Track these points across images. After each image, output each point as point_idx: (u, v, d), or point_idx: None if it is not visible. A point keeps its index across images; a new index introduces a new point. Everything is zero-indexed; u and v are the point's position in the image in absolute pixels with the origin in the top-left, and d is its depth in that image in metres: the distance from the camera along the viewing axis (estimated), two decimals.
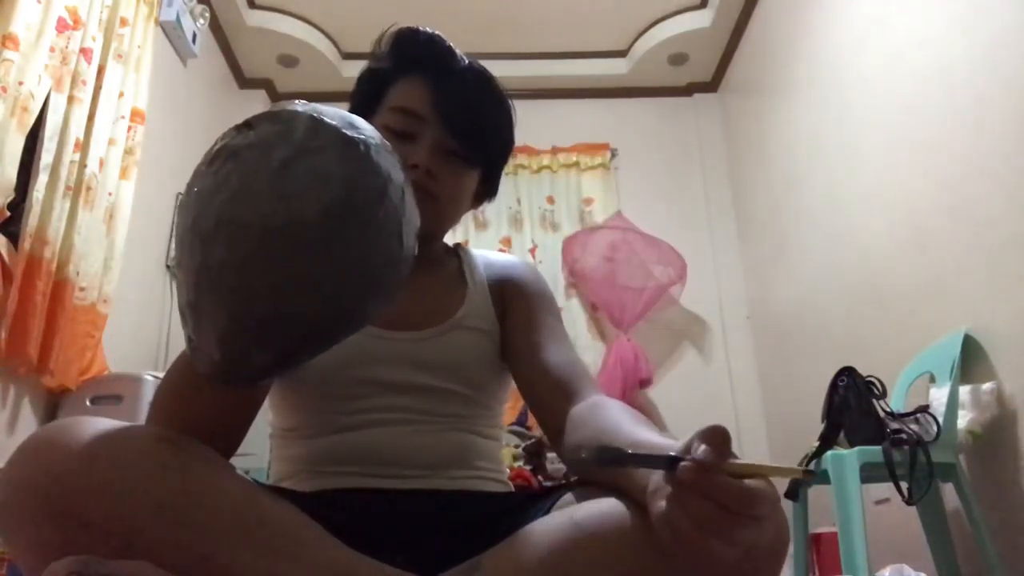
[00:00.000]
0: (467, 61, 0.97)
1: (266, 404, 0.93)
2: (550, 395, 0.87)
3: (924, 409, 1.90)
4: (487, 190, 1.04)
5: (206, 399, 0.72)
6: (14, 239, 2.13)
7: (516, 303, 0.98)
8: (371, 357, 0.90)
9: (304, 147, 0.63)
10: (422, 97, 0.94)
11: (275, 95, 4.07)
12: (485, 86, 0.97)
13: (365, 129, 0.67)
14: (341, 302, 0.64)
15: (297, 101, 0.69)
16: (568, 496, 0.80)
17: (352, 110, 0.99)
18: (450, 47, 0.97)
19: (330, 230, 0.62)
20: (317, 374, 0.88)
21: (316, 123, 0.64)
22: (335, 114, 0.67)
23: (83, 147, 2.36)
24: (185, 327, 0.68)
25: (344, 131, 0.65)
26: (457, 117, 0.93)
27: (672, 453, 0.55)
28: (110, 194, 2.50)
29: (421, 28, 0.98)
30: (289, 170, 0.62)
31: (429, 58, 0.96)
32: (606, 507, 0.69)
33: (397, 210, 0.66)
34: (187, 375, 0.73)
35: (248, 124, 0.66)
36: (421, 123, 0.93)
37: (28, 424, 2.21)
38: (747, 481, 0.52)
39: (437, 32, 0.98)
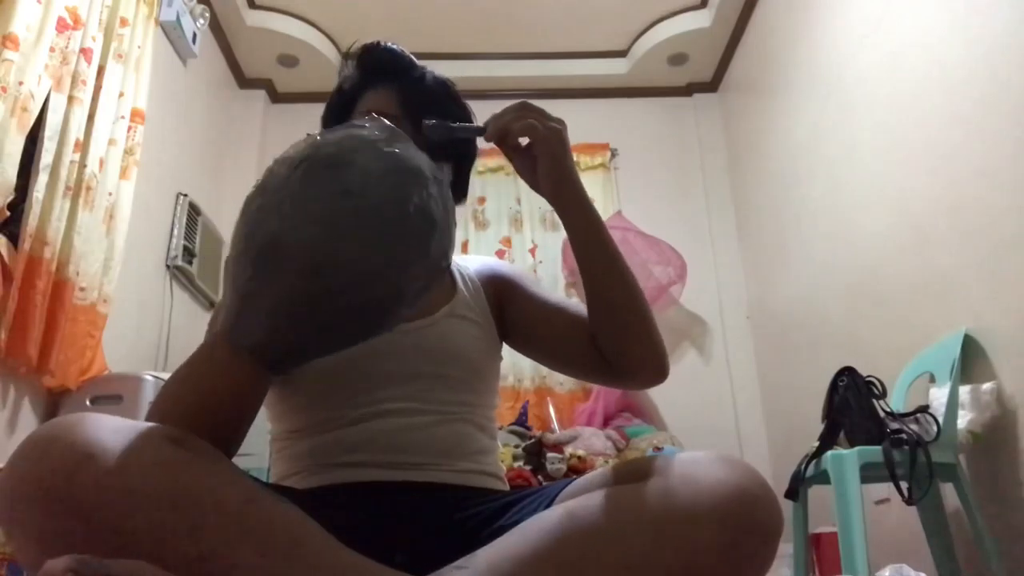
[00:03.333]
0: (427, 71, 1.05)
1: (265, 411, 0.94)
2: (572, 326, 0.98)
3: (924, 409, 1.90)
4: (459, 191, 1.09)
5: (220, 387, 0.74)
6: (14, 239, 2.13)
7: (511, 293, 1.06)
8: (372, 350, 0.91)
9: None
10: (391, 100, 1.01)
11: (275, 95, 4.08)
12: (447, 90, 1.05)
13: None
14: (394, 289, 0.73)
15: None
16: (567, 491, 0.81)
17: (325, 124, 1.07)
18: (411, 59, 1.04)
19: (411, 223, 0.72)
20: (320, 372, 0.89)
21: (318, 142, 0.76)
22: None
23: (83, 147, 2.36)
24: (236, 300, 0.73)
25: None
26: (425, 116, 0.98)
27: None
28: (110, 194, 2.50)
29: (383, 42, 1.05)
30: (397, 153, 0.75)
31: (393, 68, 1.03)
32: (601, 501, 0.71)
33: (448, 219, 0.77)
34: (199, 371, 0.75)
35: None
36: (393, 123, 0.97)
37: (28, 424, 2.21)
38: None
39: (398, 45, 1.05)
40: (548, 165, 0.89)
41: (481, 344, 1.00)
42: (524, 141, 0.90)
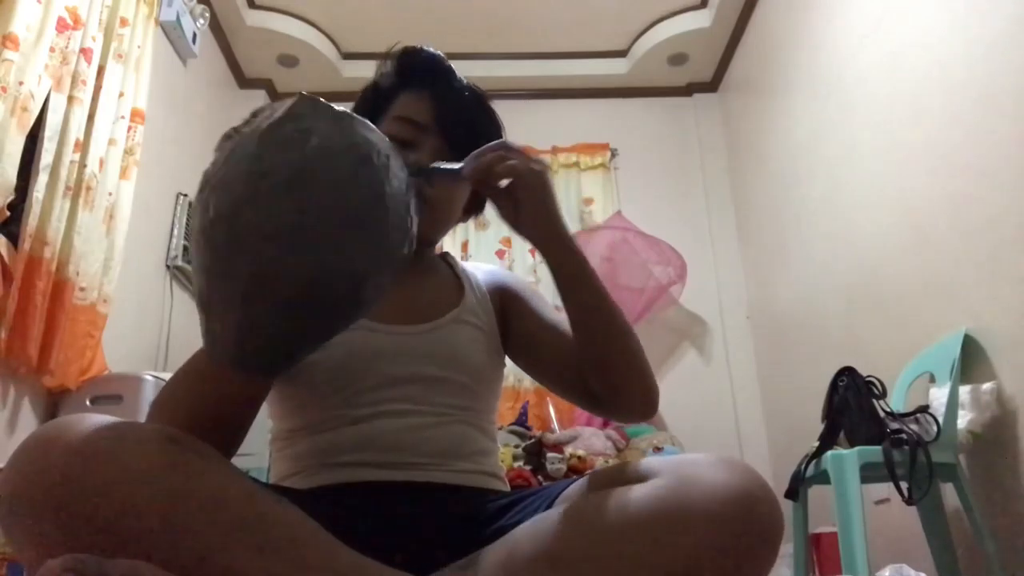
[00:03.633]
0: (465, 81, 1.04)
1: (266, 409, 0.94)
2: (568, 352, 0.95)
3: (924, 409, 1.90)
4: (476, 205, 1.09)
5: (216, 394, 0.74)
6: (14, 239, 2.13)
7: (514, 306, 1.06)
8: (375, 352, 0.92)
9: (259, 155, 0.69)
10: (424, 108, 0.99)
11: (275, 95, 4.07)
12: (481, 104, 1.04)
13: (373, 129, 0.73)
14: (329, 282, 0.69)
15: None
16: (568, 492, 0.81)
17: None
18: (450, 67, 1.03)
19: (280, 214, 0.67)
20: (323, 372, 0.90)
21: (272, 134, 0.70)
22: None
23: (83, 147, 2.36)
24: (207, 317, 0.71)
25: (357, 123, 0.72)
26: (456, 129, 0.98)
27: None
28: (110, 194, 2.50)
29: (425, 47, 1.04)
30: (277, 133, 0.69)
31: (431, 75, 1.02)
32: (602, 502, 0.71)
33: (370, 178, 0.71)
34: (199, 371, 0.75)
35: (236, 130, 0.72)
36: (423, 132, 0.98)
37: (28, 424, 2.21)
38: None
39: (439, 52, 1.04)
40: (531, 208, 0.86)
41: (485, 350, 1.00)
42: (504, 183, 0.87)
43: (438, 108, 0.98)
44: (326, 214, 0.67)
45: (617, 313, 0.90)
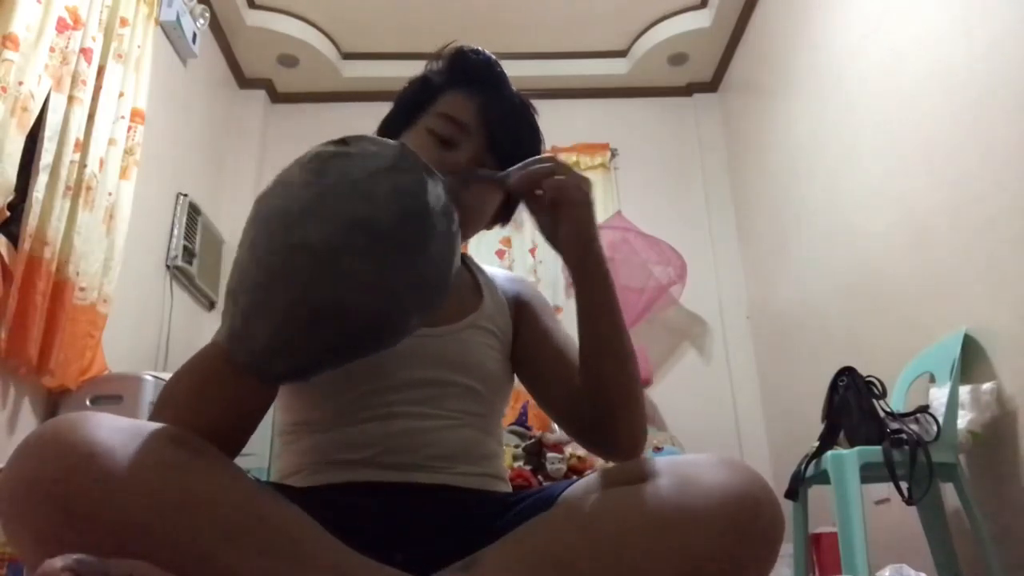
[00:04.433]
0: (514, 88, 1.04)
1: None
2: (566, 377, 0.95)
3: (924, 409, 1.90)
4: (505, 214, 1.08)
5: (224, 395, 0.73)
6: (14, 239, 2.13)
7: (528, 321, 1.05)
8: (390, 354, 0.91)
9: (395, 166, 0.72)
10: (471, 110, 0.98)
11: (275, 95, 4.08)
12: (527, 115, 1.04)
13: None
14: (396, 305, 0.72)
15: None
16: (569, 492, 0.81)
17: (397, 109, 1.05)
18: (503, 72, 1.03)
19: (404, 237, 0.70)
20: (335, 370, 0.89)
21: (407, 152, 0.75)
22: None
23: (83, 147, 2.36)
24: (232, 315, 0.72)
25: (427, 164, 0.75)
26: (499, 135, 0.98)
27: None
28: (110, 194, 2.50)
29: (481, 49, 1.04)
30: (379, 178, 0.71)
31: (483, 77, 1.02)
32: (602, 503, 0.71)
33: (454, 240, 0.75)
34: (209, 370, 0.74)
35: (344, 140, 0.75)
36: (465, 133, 0.97)
37: (28, 424, 2.21)
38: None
39: (495, 56, 1.05)
40: (573, 232, 0.88)
41: (498, 357, 0.99)
42: (539, 192, 0.88)
43: (485, 112, 0.98)
44: (390, 254, 0.70)
45: (629, 353, 0.90)
